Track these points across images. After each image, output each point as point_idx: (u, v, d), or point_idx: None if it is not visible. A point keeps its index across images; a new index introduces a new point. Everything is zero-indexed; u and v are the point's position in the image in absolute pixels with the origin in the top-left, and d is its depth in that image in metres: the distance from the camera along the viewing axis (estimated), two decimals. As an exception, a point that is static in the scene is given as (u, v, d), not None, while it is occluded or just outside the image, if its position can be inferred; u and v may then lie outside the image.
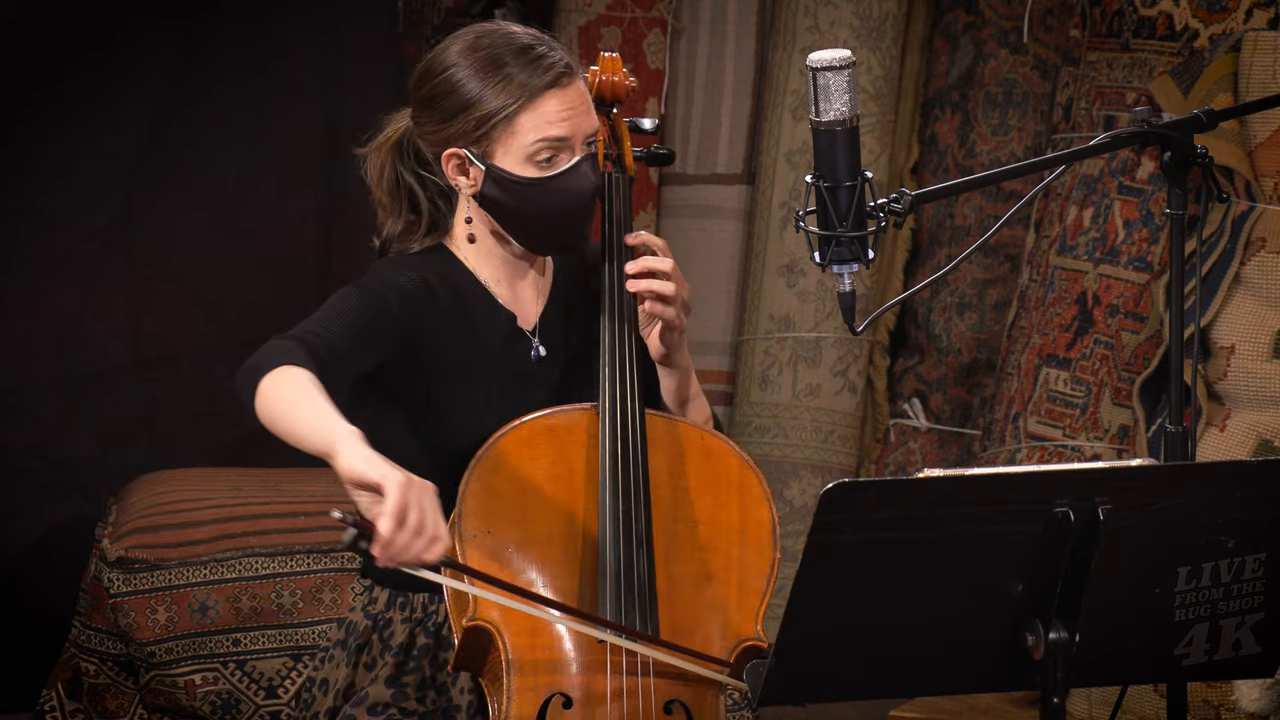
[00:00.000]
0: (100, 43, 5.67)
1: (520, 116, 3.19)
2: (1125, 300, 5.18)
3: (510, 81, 3.19)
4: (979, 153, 5.93)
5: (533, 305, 3.34)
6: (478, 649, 3.10)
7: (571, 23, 5.97)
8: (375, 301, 3.19)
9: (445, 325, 3.25)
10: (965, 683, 2.84)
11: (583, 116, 3.22)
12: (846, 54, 3.01)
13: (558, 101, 3.20)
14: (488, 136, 3.21)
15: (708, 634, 3.17)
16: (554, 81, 3.20)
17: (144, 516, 4.87)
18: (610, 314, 3.28)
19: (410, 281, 3.24)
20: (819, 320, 5.92)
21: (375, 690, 3.23)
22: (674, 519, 3.21)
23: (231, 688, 4.73)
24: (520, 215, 3.24)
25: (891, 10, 5.89)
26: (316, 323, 3.13)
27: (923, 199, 3.13)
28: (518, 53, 3.21)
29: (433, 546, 2.88)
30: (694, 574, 3.19)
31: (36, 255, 5.67)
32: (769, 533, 3.23)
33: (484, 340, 3.28)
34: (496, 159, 3.21)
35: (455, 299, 3.27)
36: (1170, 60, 5.17)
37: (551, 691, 3.08)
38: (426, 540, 2.87)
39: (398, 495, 2.84)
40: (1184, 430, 3.27)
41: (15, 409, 5.67)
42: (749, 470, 3.25)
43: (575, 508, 3.16)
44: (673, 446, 3.24)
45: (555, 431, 3.20)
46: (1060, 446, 5.25)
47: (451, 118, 3.22)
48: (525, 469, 3.16)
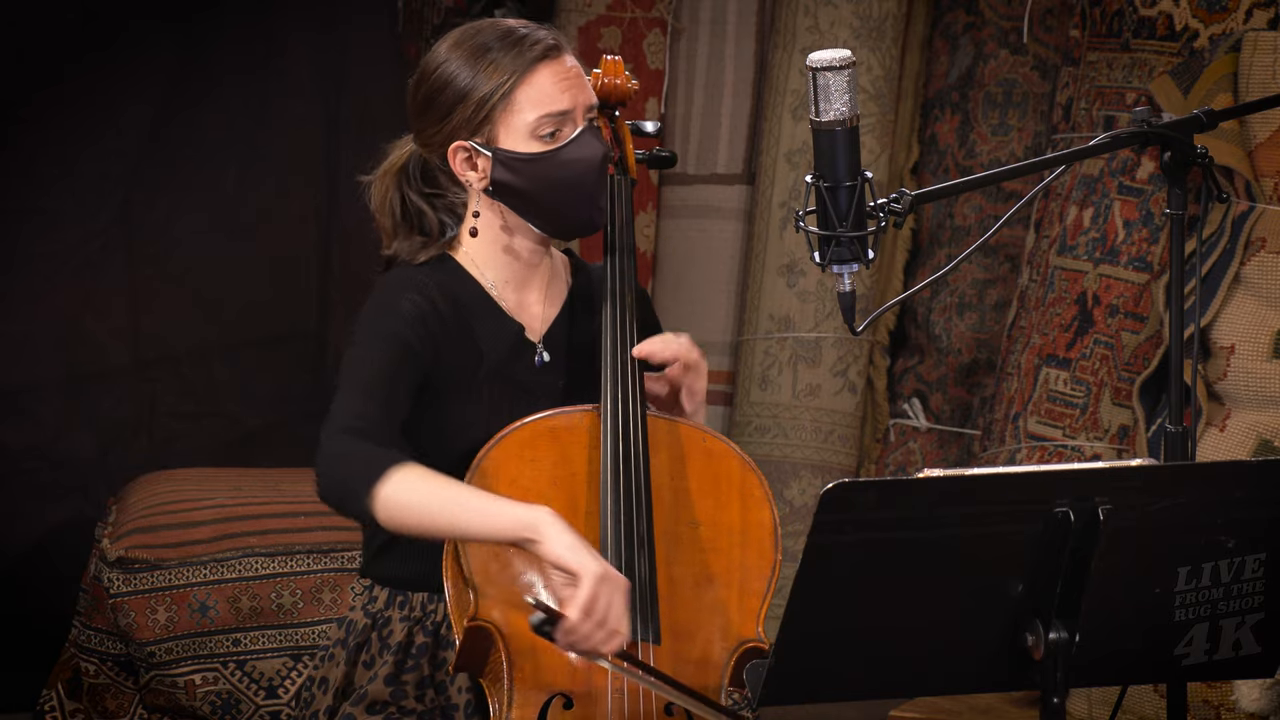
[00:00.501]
0: (101, 43, 5.67)
1: (516, 93, 3.20)
2: (1125, 300, 5.18)
3: (499, 63, 3.21)
4: (979, 153, 5.93)
5: (540, 312, 3.34)
6: (479, 650, 3.10)
7: (571, 23, 5.97)
8: (397, 347, 3.19)
9: (449, 340, 3.25)
10: (965, 683, 2.84)
11: (579, 88, 3.24)
12: (846, 54, 3.01)
13: (550, 73, 3.21)
14: (489, 120, 3.22)
15: (708, 636, 3.18)
16: (543, 55, 3.22)
17: (144, 516, 4.87)
18: (611, 315, 3.28)
19: (414, 305, 3.23)
20: (819, 320, 5.92)
21: (374, 689, 3.23)
22: (675, 520, 3.21)
23: (231, 688, 4.73)
24: (533, 195, 3.24)
25: (891, 10, 5.89)
26: (364, 400, 3.12)
27: (923, 199, 3.13)
28: (502, 36, 3.24)
29: (612, 640, 2.97)
30: (695, 575, 3.19)
31: (37, 255, 5.67)
32: (770, 534, 3.23)
33: (487, 350, 3.28)
34: (501, 141, 3.22)
35: (458, 311, 3.27)
36: (1170, 60, 5.17)
37: (552, 692, 3.08)
38: (607, 633, 2.96)
39: (591, 588, 2.94)
40: (1184, 430, 3.27)
41: (15, 409, 5.67)
42: (750, 472, 3.25)
43: (576, 509, 3.17)
44: (674, 448, 3.24)
45: (556, 433, 3.20)
46: (1060, 446, 5.25)
47: (450, 111, 3.23)
48: (526, 471, 3.16)
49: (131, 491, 5.08)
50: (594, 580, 2.94)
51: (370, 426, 3.08)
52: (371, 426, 3.08)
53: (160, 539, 4.79)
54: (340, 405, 3.11)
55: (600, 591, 2.94)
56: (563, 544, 2.96)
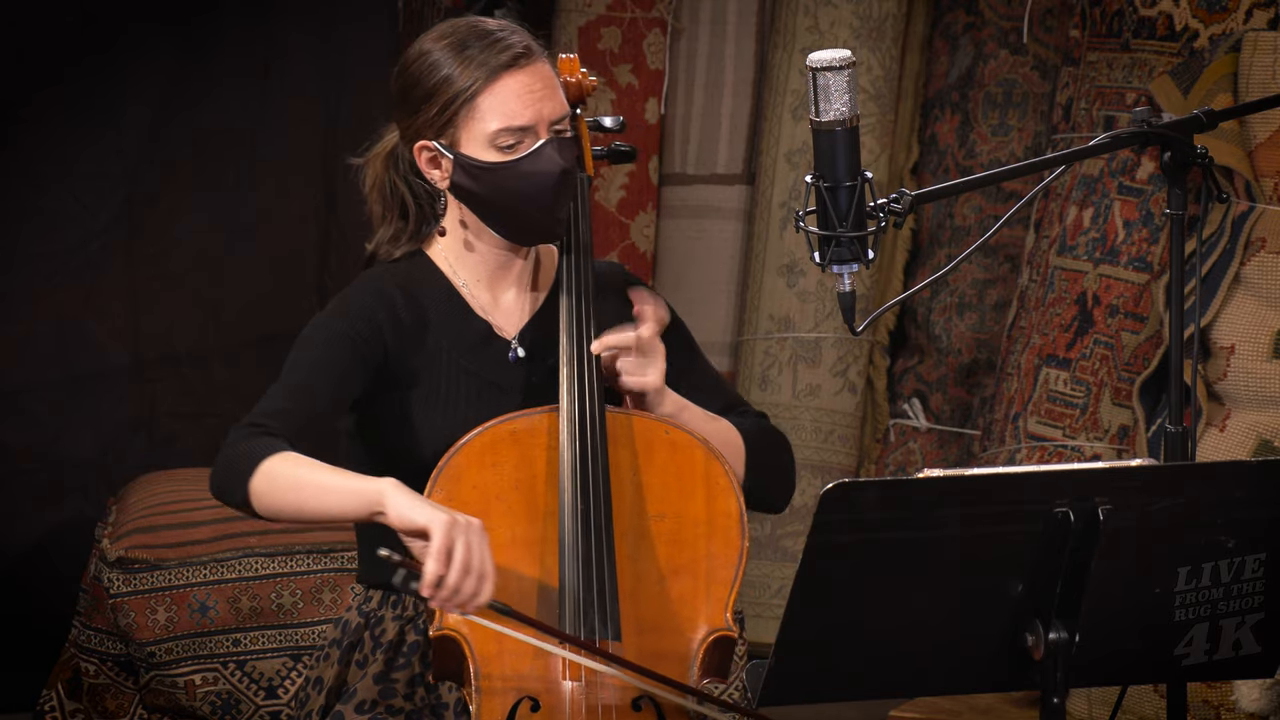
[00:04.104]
0: (101, 44, 5.67)
1: (480, 99, 3.19)
2: (1125, 300, 5.18)
3: (470, 62, 3.20)
4: (979, 153, 5.93)
5: (516, 310, 3.33)
6: (450, 657, 3.11)
7: (571, 23, 5.97)
8: (337, 345, 3.21)
9: (406, 339, 3.25)
10: (965, 683, 2.84)
11: (545, 100, 3.21)
12: (846, 54, 3.01)
13: (516, 83, 3.19)
14: (452, 123, 3.21)
15: (677, 627, 3.17)
16: (511, 62, 3.20)
17: (144, 516, 4.87)
18: (567, 312, 3.28)
19: (363, 307, 3.25)
20: (819, 320, 5.92)
21: (364, 687, 3.24)
22: (639, 514, 3.20)
23: (231, 688, 4.73)
24: (490, 202, 3.24)
25: (891, 10, 5.89)
26: (282, 397, 3.16)
27: (923, 199, 3.13)
28: (479, 37, 3.22)
29: (484, 585, 2.93)
30: (661, 568, 3.18)
31: (37, 255, 5.67)
32: (736, 522, 3.21)
33: (450, 347, 3.28)
34: (462, 146, 3.22)
35: (421, 311, 3.27)
36: (1170, 60, 5.18)
37: (520, 695, 3.08)
38: (476, 578, 2.93)
39: (442, 535, 2.91)
40: (1184, 430, 3.27)
41: (15, 409, 5.67)
42: (714, 461, 3.24)
43: (536, 510, 3.16)
44: (636, 442, 3.23)
45: (517, 436, 3.19)
46: (1060, 446, 5.25)
47: (419, 107, 3.23)
48: (488, 476, 3.16)
49: (131, 491, 5.08)
50: (444, 527, 2.91)
51: (274, 423, 3.10)
52: (275, 423, 3.10)
53: (160, 539, 4.79)
54: (260, 404, 3.15)
55: (454, 536, 2.91)
56: (404, 505, 2.94)
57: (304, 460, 3.05)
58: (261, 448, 3.06)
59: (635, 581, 3.17)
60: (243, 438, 3.10)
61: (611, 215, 6.01)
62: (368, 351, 3.22)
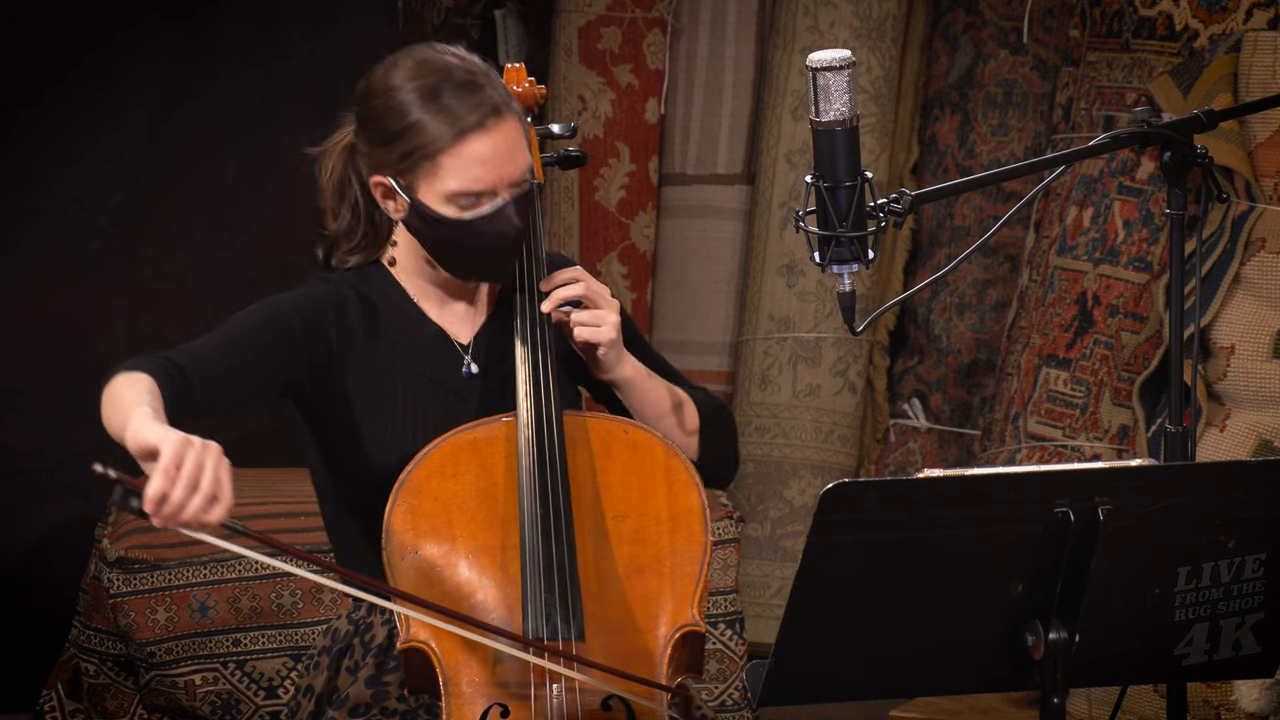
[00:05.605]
0: (101, 44, 5.67)
1: (442, 158, 3.14)
2: (1125, 300, 5.19)
3: (438, 115, 3.13)
4: (979, 153, 5.94)
5: (467, 321, 3.32)
6: (421, 669, 3.11)
7: (571, 23, 5.97)
8: (275, 319, 3.20)
9: (364, 344, 3.25)
10: (965, 683, 2.84)
11: (506, 164, 3.16)
12: (846, 54, 3.01)
13: (481, 147, 3.13)
14: (412, 171, 3.16)
15: (644, 626, 3.16)
16: (479, 124, 3.13)
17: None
18: (521, 317, 3.26)
19: (325, 296, 3.24)
20: (819, 320, 5.92)
21: (355, 691, 3.23)
22: (600, 516, 3.20)
23: (231, 688, 4.73)
24: (441, 247, 3.22)
25: (891, 10, 5.89)
26: (200, 343, 3.14)
27: (923, 199, 3.13)
28: (454, 86, 3.15)
29: (212, 507, 2.81)
30: (624, 569, 3.18)
31: (37, 255, 5.67)
32: (699, 517, 3.21)
33: (410, 359, 3.27)
34: (419, 194, 3.17)
35: (376, 317, 3.26)
36: (1170, 60, 5.18)
37: (489, 702, 3.08)
38: (204, 498, 2.80)
39: (170, 452, 2.80)
40: (1184, 430, 3.27)
41: (15, 409, 5.66)
42: (675, 458, 3.23)
43: (497, 518, 3.16)
44: (595, 443, 3.22)
45: (477, 445, 3.19)
46: (1060, 446, 5.25)
47: (383, 143, 3.18)
48: (449, 486, 3.15)
49: (131, 491, 5.08)
50: (173, 445, 2.79)
51: (173, 356, 3.06)
52: (175, 357, 3.06)
53: (160, 539, 4.79)
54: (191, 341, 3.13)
55: (184, 454, 2.79)
56: (140, 425, 2.85)
57: (140, 381, 2.97)
58: (123, 367, 3.02)
59: (599, 583, 3.16)
60: (137, 359, 3.06)
61: (611, 215, 6.01)
62: (304, 343, 3.20)
